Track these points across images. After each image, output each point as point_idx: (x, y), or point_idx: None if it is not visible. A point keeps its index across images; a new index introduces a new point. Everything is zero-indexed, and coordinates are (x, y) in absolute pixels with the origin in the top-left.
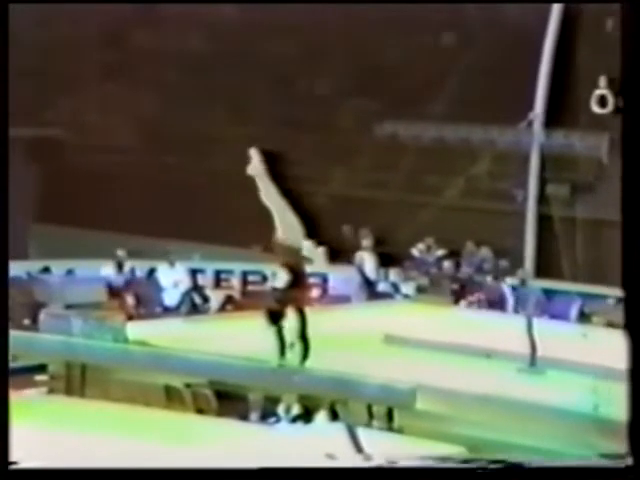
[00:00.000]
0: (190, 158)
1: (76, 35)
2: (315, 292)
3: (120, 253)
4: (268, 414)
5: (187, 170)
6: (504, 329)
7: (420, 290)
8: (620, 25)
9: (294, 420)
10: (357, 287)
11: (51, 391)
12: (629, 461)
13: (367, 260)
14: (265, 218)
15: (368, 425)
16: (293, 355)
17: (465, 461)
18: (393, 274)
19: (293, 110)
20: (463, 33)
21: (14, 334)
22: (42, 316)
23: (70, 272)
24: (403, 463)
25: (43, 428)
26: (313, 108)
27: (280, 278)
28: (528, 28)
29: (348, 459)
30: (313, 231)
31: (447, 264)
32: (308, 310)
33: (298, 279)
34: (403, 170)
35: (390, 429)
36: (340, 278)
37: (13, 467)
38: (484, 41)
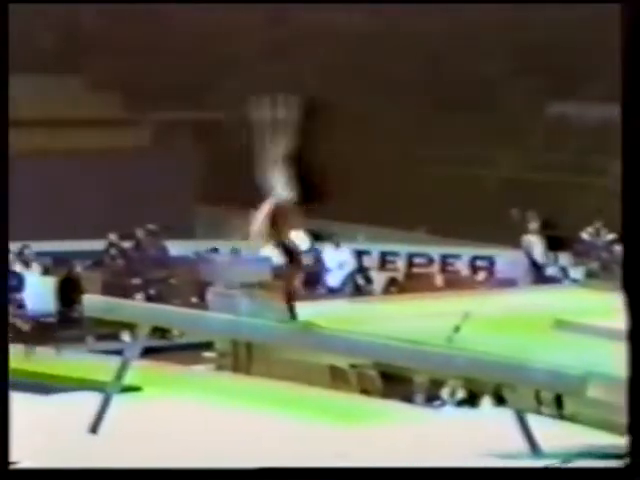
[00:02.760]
0: (351, 139)
1: (239, 16)
2: (481, 275)
3: None
4: (433, 397)
5: (349, 152)
6: None
7: (590, 275)
8: (620, 25)
9: (459, 404)
10: (524, 271)
11: (219, 367)
12: (629, 461)
13: (535, 244)
14: (430, 200)
15: (537, 411)
16: None
17: None
18: (562, 258)
19: (460, 91)
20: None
21: (183, 311)
22: (210, 295)
23: (235, 252)
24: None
25: (210, 402)
26: (481, 89)
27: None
28: None
29: (518, 446)
30: (480, 213)
31: (618, 248)
32: (474, 293)
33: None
34: (572, 151)
35: (560, 416)
36: (507, 261)
37: (13, 467)
38: None
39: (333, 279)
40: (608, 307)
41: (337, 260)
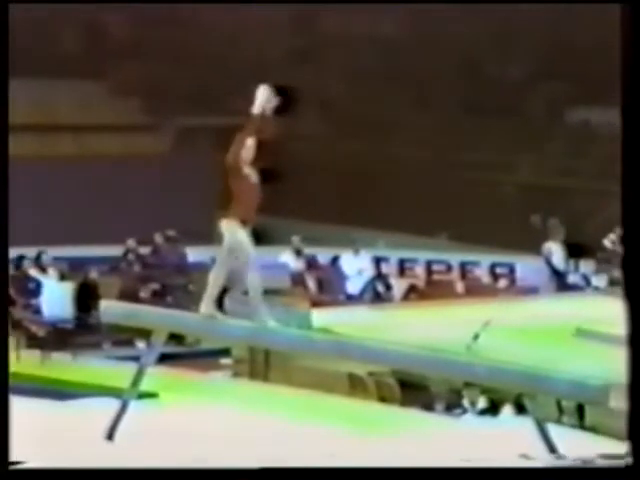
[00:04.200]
0: (376, 144)
1: (263, 20)
2: (502, 282)
3: (295, 239)
4: (453, 405)
5: (372, 157)
6: None
7: (613, 283)
8: (620, 25)
9: (481, 413)
10: (546, 278)
11: (236, 374)
12: (629, 461)
13: (555, 251)
14: (451, 206)
15: (558, 421)
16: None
17: None
18: (584, 265)
19: (481, 95)
20: None
21: (199, 317)
22: (227, 301)
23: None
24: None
25: (227, 409)
26: (503, 94)
27: None
28: None
29: (540, 456)
30: (501, 219)
31: None
32: (495, 300)
33: None
34: (595, 157)
35: (582, 427)
36: (528, 269)
37: (13, 467)
38: None
39: (352, 286)
40: None
41: (356, 267)
